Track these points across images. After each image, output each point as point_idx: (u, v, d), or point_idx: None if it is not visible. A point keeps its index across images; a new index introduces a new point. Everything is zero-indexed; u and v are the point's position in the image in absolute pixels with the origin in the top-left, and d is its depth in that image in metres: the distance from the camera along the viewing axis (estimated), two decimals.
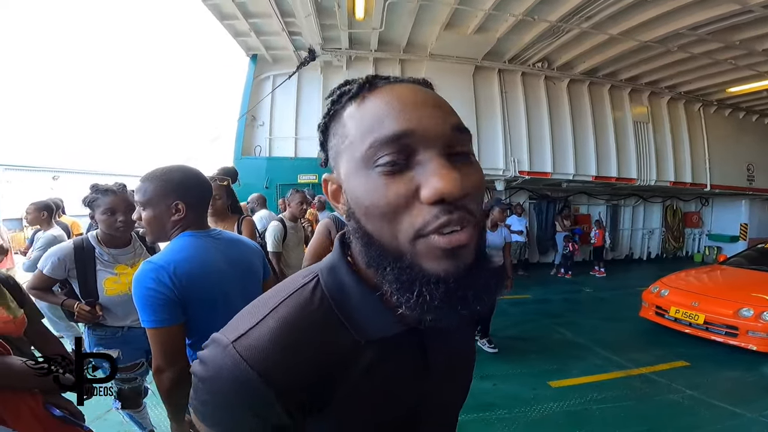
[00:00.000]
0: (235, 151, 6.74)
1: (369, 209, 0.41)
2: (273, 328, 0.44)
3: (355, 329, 0.46)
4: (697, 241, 10.64)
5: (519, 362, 3.63)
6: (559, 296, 6.34)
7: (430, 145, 0.40)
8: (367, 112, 0.43)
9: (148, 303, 1.06)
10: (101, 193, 1.77)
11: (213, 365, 0.43)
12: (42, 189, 10.84)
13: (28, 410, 1.05)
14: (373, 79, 0.45)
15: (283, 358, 0.42)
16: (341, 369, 0.46)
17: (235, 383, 0.41)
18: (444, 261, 0.40)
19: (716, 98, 8.44)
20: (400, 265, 0.41)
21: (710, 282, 4.76)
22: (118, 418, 2.27)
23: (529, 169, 7.12)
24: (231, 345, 0.43)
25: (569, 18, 5.22)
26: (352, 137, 0.43)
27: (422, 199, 0.39)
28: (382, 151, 0.40)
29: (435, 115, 0.41)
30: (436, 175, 0.38)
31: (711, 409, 2.89)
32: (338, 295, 0.47)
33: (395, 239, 0.41)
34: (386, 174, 0.40)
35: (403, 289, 0.40)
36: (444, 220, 0.38)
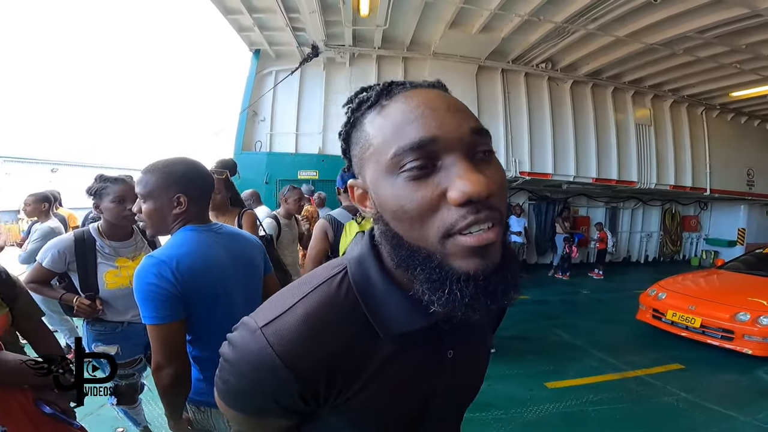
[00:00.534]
0: (235, 146, 6.71)
1: (397, 213, 0.43)
2: (300, 317, 0.46)
3: (378, 323, 0.48)
4: (694, 245, 10.65)
5: (516, 363, 3.64)
6: (556, 297, 6.36)
7: (453, 149, 0.42)
8: (388, 120, 0.44)
9: (150, 298, 1.04)
10: (111, 182, 1.75)
11: (240, 348, 0.46)
12: (41, 181, 10.81)
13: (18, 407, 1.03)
14: (390, 85, 0.47)
15: (308, 347, 0.45)
16: (360, 361, 0.48)
17: (259, 367, 0.44)
18: (473, 259, 0.41)
19: (719, 102, 8.42)
20: (430, 265, 0.42)
21: (707, 286, 4.77)
22: (112, 413, 2.26)
23: (530, 170, 7.11)
24: (259, 330, 0.45)
25: (575, 19, 5.20)
26: (376, 145, 0.44)
27: (450, 202, 0.40)
28: (406, 158, 0.41)
29: (455, 120, 0.43)
30: (462, 178, 0.40)
31: (705, 412, 2.91)
32: (364, 289, 0.49)
33: (425, 241, 0.42)
34: (413, 179, 0.42)
35: (434, 288, 0.42)
36: (471, 219, 0.40)
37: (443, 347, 0.53)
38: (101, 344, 1.76)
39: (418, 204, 0.41)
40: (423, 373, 0.52)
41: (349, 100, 0.50)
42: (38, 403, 1.08)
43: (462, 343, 0.55)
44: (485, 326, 0.63)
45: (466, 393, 0.62)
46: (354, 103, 0.49)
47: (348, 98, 0.50)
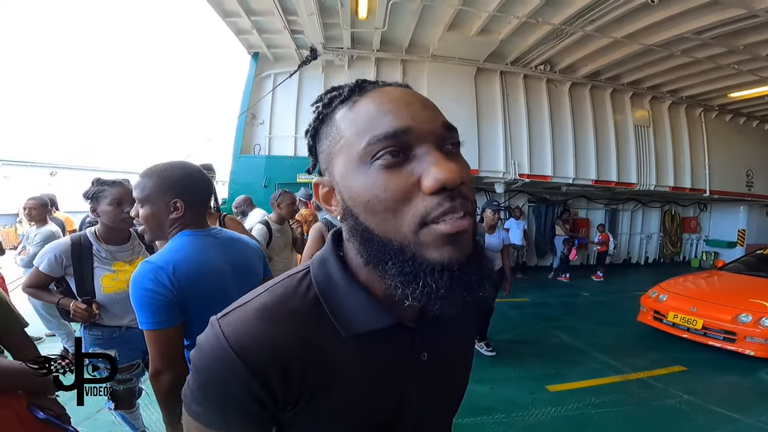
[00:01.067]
0: (234, 150, 6.71)
1: (370, 204, 0.42)
2: (255, 308, 0.46)
3: (340, 322, 0.47)
4: (694, 246, 10.66)
5: (517, 366, 3.62)
6: (557, 300, 6.34)
7: (426, 140, 0.42)
8: (362, 113, 0.44)
9: (146, 304, 1.03)
10: (108, 185, 1.74)
11: (200, 343, 0.46)
12: (40, 184, 10.80)
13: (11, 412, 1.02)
14: (363, 83, 0.48)
15: (258, 336, 0.44)
16: (320, 360, 0.46)
17: (213, 357, 0.44)
18: (447, 248, 0.41)
19: (717, 103, 8.45)
20: (402, 258, 0.42)
21: (709, 287, 4.76)
22: (109, 418, 2.23)
23: (529, 172, 7.10)
24: (217, 322, 0.46)
25: (573, 21, 5.21)
26: (348, 137, 0.44)
27: (424, 189, 0.40)
28: (380, 146, 0.42)
29: (428, 114, 0.44)
30: (436, 166, 0.40)
31: (708, 414, 2.89)
32: (326, 288, 0.49)
33: (397, 232, 0.42)
34: (386, 168, 0.42)
35: (408, 281, 0.42)
36: (447, 206, 0.40)
37: (415, 349, 0.51)
38: (98, 349, 1.75)
39: (392, 193, 0.41)
40: (392, 376, 0.50)
41: (318, 98, 0.50)
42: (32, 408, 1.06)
43: (436, 344, 0.54)
44: (462, 327, 0.61)
45: (446, 397, 0.60)
46: (325, 99, 0.49)
47: (318, 97, 0.50)
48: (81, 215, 3.93)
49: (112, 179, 1.80)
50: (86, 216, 3.41)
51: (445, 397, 0.59)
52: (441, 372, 0.55)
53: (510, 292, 3.95)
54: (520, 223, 7.66)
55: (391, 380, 0.50)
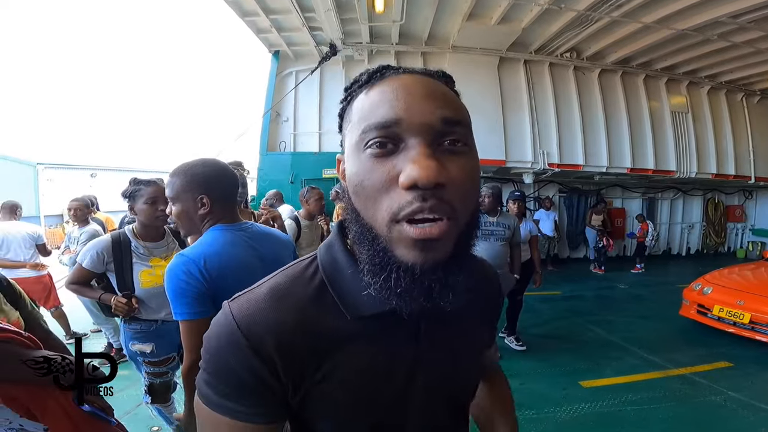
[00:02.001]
0: (260, 147, 6.82)
1: (357, 188, 0.44)
2: (263, 291, 0.50)
3: (345, 304, 0.49)
4: (740, 236, 10.06)
5: (548, 360, 3.52)
6: (591, 293, 6.13)
7: (416, 133, 0.41)
8: (368, 100, 0.45)
9: (180, 294, 1.07)
10: (144, 184, 1.83)
11: (212, 325, 0.49)
12: (81, 186, 11.40)
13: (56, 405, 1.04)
14: (384, 69, 0.48)
15: (263, 315, 0.47)
16: (324, 341, 0.48)
17: (223, 333, 0.47)
18: (413, 251, 0.41)
19: (759, 88, 8.02)
20: (375, 247, 0.43)
21: (756, 279, 4.47)
22: (147, 412, 2.34)
23: (560, 162, 6.89)
24: (227, 304, 0.49)
25: (598, 6, 5.01)
26: (354, 121, 0.46)
27: (399, 184, 0.40)
28: (371, 135, 0.42)
29: (427, 106, 0.42)
30: (414, 162, 0.40)
31: (756, 412, 2.73)
32: (331, 271, 0.51)
33: (375, 220, 0.43)
34: (374, 156, 0.42)
35: (375, 271, 0.43)
36: (416, 206, 0.39)
37: (421, 334, 0.52)
38: (137, 342, 1.82)
39: (374, 182, 0.42)
40: (396, 361, 0.51)
41: (353, 80, 0.51)
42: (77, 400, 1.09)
43: (441, 332, 0.54)
44: (472, 318, 0.60)
45: (453, 388, 0.58)
46: (351, 83, 0.51)
47: (353, 78, 0.51)
48: (120, 214, 4.11)
49: (147, 179, 1.88)
50: (125, 216, 3.57)
51: (452, 385, 0.58)
52: (445, 362, 0.55)
53: (541, 285, 3.84)
54: (551, 213, 7.44)
55: (396, 364, 0.51)
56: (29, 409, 1.01)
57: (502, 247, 3.24)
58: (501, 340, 3.81)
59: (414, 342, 0.52)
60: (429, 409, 0.55)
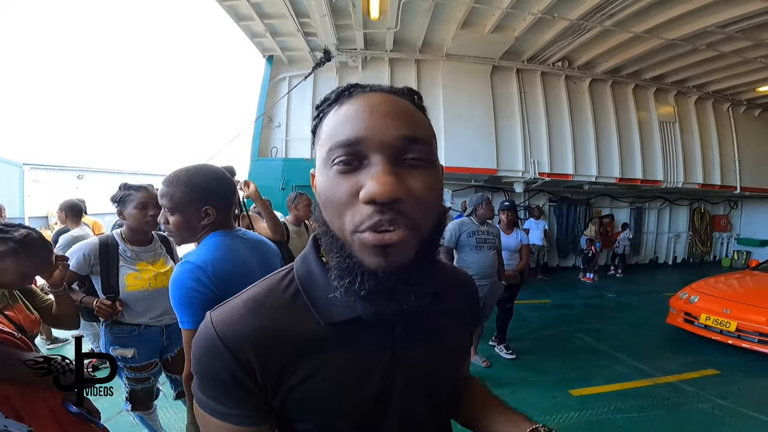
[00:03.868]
0: (251, 153, 6.78)
1: (325, 202, 0.47)
2: (240, 301, 0.53)
3: (317, 310, 0.51)
4: (725, 245, 10.26)
5: (538, 369, 3.52)
6: (580, 301, 6.16)
7: (378, 151, 0.44)
8: (335, 119, 0.47)
9: (188, 303, 1.04)
10: (134, 189, 1.82)
11: (197, 332, 0.53)
12: (67, 188, 11.21)
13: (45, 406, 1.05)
14: (353, 87, 0.50)
15: (238, 320, 0.50)
16: (299, 346, 0.51)
17: (202, 340, 0.51)
18: (375, 256, 0.43)
19: (746, 98, 8.17)
20: (343, 254, 0.46)
21: (742, 288, 4.56)
22: (128, 419, 2.26)
23: (550, 171, 6.96)
24: (209, 314, 0.53)
25: (590, 16, 5.09)
26: (323, 139, 0.48)
27: (359, 199, 0.43)
28: (336, 153, 0.45)
29: (388, 125, 0.45)
30: (372, 179, 0.42)
31: (744, 419, 2.75)
32: (305, 281, 0.54)
33: (341, 231, 0.46)
34: (340, 173, 0.45)
35: (342, 276, 0.46)
36: (376, 220, 0.42)
37: (395, 339, 0.54)
38: (118, 347, 1.78)
39: (338, 196, 0.45)
40: (371, 364, 0.53)
41: (322, 99, 0.53)
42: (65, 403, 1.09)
43: (417, 334, 0.56)
44: (449, 321, 0.62)
45: (432, 393, 0.59)
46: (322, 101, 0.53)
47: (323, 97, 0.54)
48: (108, 217, 4.02)
49: (137, 184, 1.87)
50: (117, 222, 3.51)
51: (429, 393, 0.59)
52: (424, 362, 0.56)
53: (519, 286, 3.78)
54: (541, 222, 7.48)
55: (370, 368, 0.53)
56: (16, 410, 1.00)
57: (494, 255, 3.25)
58: (491, 348, 3.80)
59: (390, 344, 0.54)
60: (409, 411, 0.56)
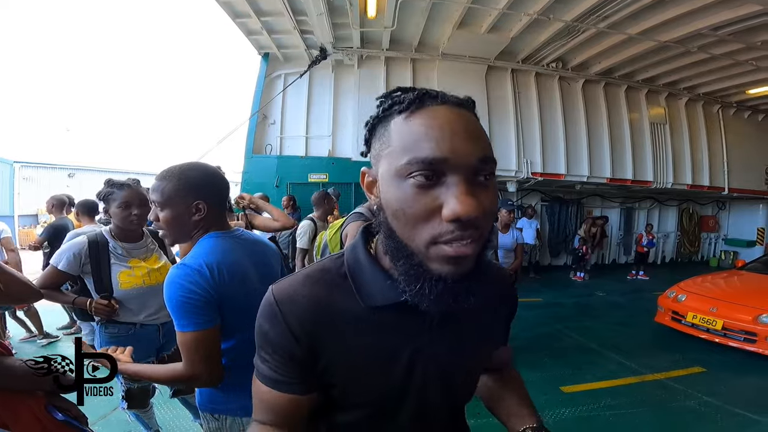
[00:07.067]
0: (246, 150, 6.73)
1: (397, 212, 0.49)
2: (300, 276, 0.60)
3: (360, 294, 0.57)
4: (713, 245, 10.44)
5: (530, 366, 3.56)
6: (571, 300, 6.24)
7: (458, 171, 0.46)
8: (410, 130, 0.49)
9: (185, 306, 1.01)
10: (117, 188, 1.76)
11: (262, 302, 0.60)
12: (58, 186, 11.06)
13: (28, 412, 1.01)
14: (424, 96, 0.51)
15: (295, 292, 0.57)
16: (342, 323, 0.57)
17: (264, 311, 0.59)
18: (448, 265, 0.48)
19: (735, 100, 8.27)
20: (411, 262, 0.49)
21: (729, 287, 4.66)
22: (123, 417, 2.26)
23: (542, 171, 7.02)
24: (272, 286, 0.60)
25: (585, 17, 5.14)
26: (394, 147, 0.50)
27: (442, 217, 0.46)
28: (416, 168, 0.46)
29: (468, 147, 0.47)
30: (457, 199, 0.45)
31: (730, 416, 2.82)
32: (353, 267, 0.59)
33: (412, 241, 0.49)
34: (418, 187, 0.47)
35: (409, 281, 0.50)
36: (457, 235, 0.46)
37: (426, 328, 0.59)
38: (114, 346, 1.76)
39: (416, 211, 0.47)
40: (402, 347, 0.58)
41: (384, 95, 0.55)
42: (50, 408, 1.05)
43: (452, 324, 0.61)
44: (482, 317, 0.66)
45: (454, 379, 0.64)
46: (388, 100, 0.53)
47: (384, 93, 0.55)
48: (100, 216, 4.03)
49: (121, 182, 1.81)
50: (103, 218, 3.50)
51: (452, 378, 0.64)
52: (450, 354, 0.61)
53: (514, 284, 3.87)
54: (533, 222, 7.55)
55: (399, 351, 0.58)
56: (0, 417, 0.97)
57: (492, 254, 3.29)
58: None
59: (425, 333, 0.59)
60: (427, 397, 0.62)
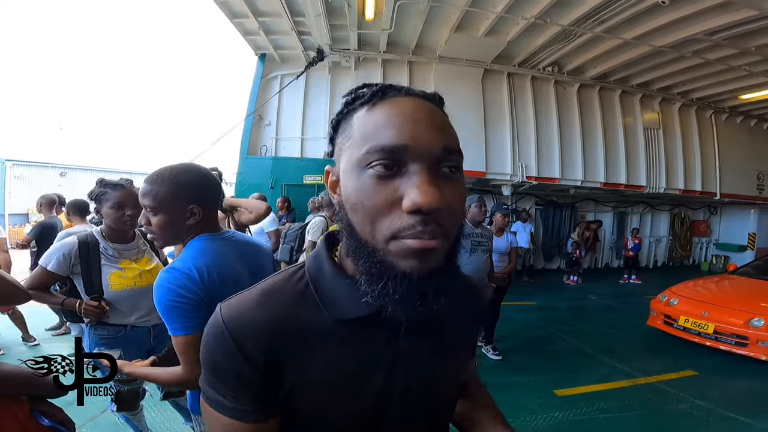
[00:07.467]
0: (241, 151, 6.71)
1: (356, 206, 0.46)
2: (251, 293, 0.54)
3: (326, 306, 0.52)
4: (704, 249, 10.57)
5: (524, 370, 3.58)
6: (564, 303, 6.28)
7: (419, 159, 0.44)
8: (372, 120, 0.47)
9: (175, 310, 1.00)
10: (110, 188, 1.73)
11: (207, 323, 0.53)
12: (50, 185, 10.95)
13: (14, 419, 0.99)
14: (387, 88, 0.49)
15: (246, 311, 0.51)
16: (306, 339, 0.51)
17: (211, 331, 0.51)
18: (411, 260, 0.44)
19: (728, 105, 8.37)
20: (372, 260, 0.45)
21: (720, 292, 4.70)
22: (112, 419, 2.23)
23: (537, 175, 7.04)
24: (220, 305, 0.54)
25: (582, 22, 5.17)
26: (355, 138, 0.47)
27: (402, 207, 0.43)
28: (376, 157, 0.44)
29: (431, 135, 0.45)
30: (418, 189, 0.42)
31: (721, 419, 2.84)
32: (316, 277, 0.54)
33: (373, 237, 0.45)
34: (377, 177, 0.44)
35: (372, 280, 0.46)
36: (419, 229, 0.43)
37: (399, 340, 0.54)
38: (104, 348, 1.73)
39: (375, 203, 0.44)
40: (374, 362, 0.53)
41: (348, 92, 0.52)
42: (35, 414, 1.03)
43: (421, 335, 0.55)
44: (454, 324, 0.61)
45: (432, 394, 0.58)
46: (351, 96, 0.52)
47: (348, 90, 0.53)
48: None
49: (114, 181, 1.78)
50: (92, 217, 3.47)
51: (431, 391, 0.58)
52: (426, 366, 0.56)
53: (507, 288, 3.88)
54: (527, 226, 7.59)
55: (373, 366, 0.53)
56: None
57: (487, 258, 3.29)
58: (478, 349, 3.84)
59: (394, 343, 0.53)
60: (407, 410, 0.56)
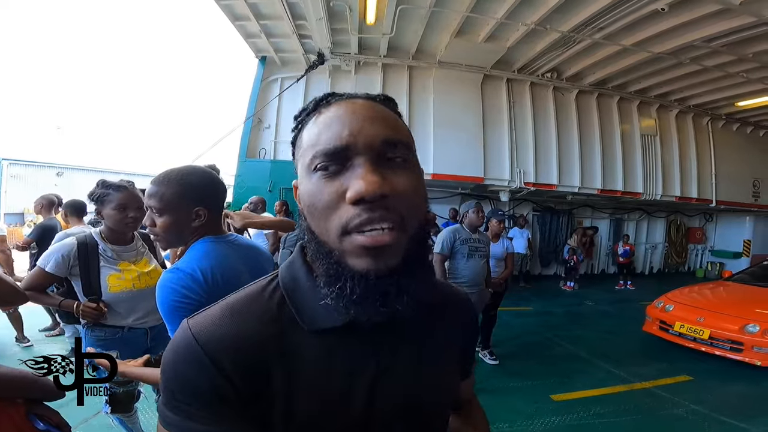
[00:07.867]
0: (239, 153, 6.71)
1: (310, 208, 0.47)
2: (220, 308, 0.51)
3: (302, 318, 0.50)
4: (700, 256, 10.61)
5: (520, 375, 3.58)
6: (561, 309, 6.29)
7: (361, 153, 0.45)
8: (315, 127, 0.48)
9: (178, 311, 1.00)
10: (113, 189, 1.73)
11: (172, 341, 0.50)
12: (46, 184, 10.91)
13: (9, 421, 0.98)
14: (330, 96, 0.51)
15: (219, 327, 0.48)
16: (282, 354, 0.48)
17: (181, 348, 0.47)
18: (366, 258, 0.43)
19: (725, 112, 8.43)
20: (330, 260, 0.45)
21: (715, 298, 4.73)
22: (106, 421, 2.21)
23: (535, 181, 7.07)
24: (186, 321, 0.50)
25: (582, 28, 5.22)
26: (304, 147, 0.49)
27: (346, 200, 0.43)
28: (320, 160, 0.45)
29: (369, 128, 0.46)
30: (358, 178, 0.43)
31: (716, 424, 2.85)
32: (291, 287, 0.52)
33: (328, 236, 0.45)
34: (324, 177, 0.45)
35: (330, 282, 0.45)
36: (365, 218, 0.42)
37: (382, 349, 0.52)
38: (100, 350, 1.72)
39: (324, 200, 0.45)
40: (356, 375, 0.50)
41: (300, 109, 0.54)
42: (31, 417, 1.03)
43: (403, 348, 0.53)
44: (439, 337, 0.59)
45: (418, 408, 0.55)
46: (299, 111, 0.53)
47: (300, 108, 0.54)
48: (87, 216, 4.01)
49: (117, 183, 1.78)
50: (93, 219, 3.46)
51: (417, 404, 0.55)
52: (411, 376, 0.54)
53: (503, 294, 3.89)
54: (524, 231, 7.61)
55: (356, 377, 0.50)
56: None
57: (485, 264, 3.31)
58: (475, 354, 3.84)
59: (375, 356, 0.51)
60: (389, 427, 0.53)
